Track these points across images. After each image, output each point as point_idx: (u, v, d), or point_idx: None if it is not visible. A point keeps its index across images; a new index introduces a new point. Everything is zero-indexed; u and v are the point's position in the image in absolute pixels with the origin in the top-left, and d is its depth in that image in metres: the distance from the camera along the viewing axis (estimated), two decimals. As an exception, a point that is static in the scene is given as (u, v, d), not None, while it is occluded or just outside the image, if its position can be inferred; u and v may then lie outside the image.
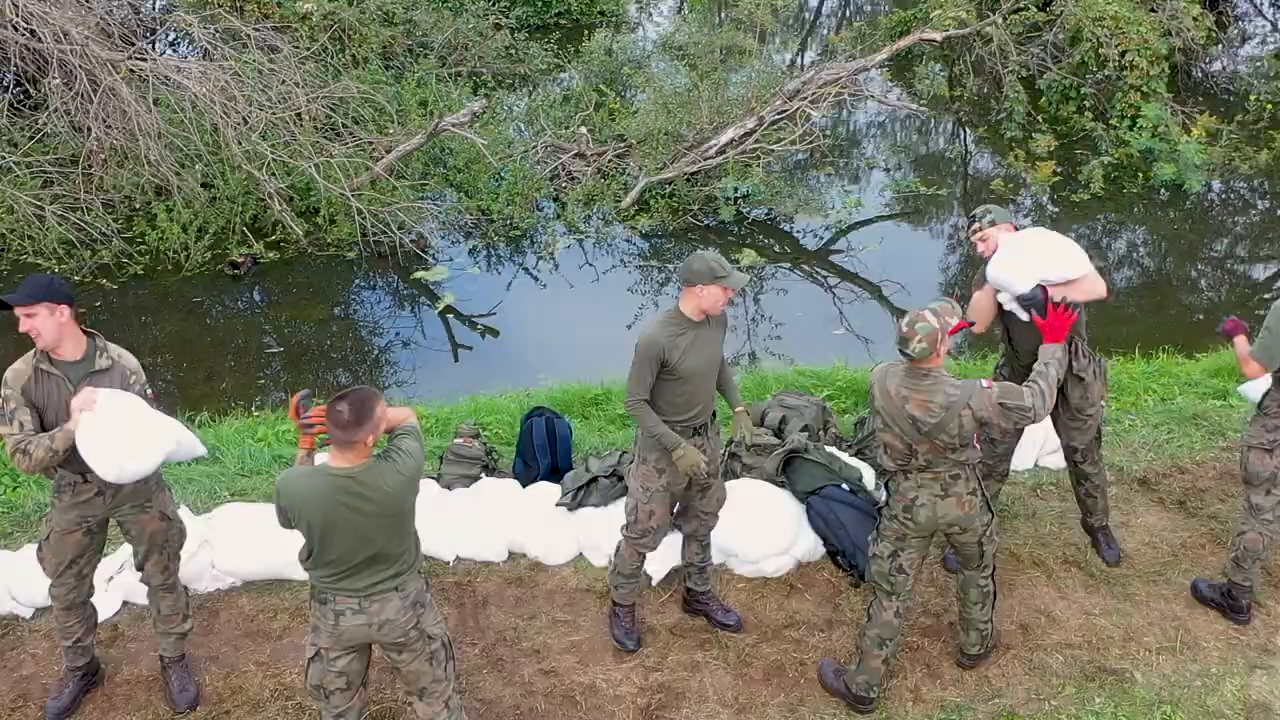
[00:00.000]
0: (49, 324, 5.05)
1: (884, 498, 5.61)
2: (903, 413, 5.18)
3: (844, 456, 7.35)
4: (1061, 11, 15.03)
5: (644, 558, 6.08)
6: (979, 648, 5.97)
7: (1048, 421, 6.52)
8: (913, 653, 6.12)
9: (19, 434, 5.07)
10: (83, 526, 5.40)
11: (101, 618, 6.22)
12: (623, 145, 14.06)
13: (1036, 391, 5.17)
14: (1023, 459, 7.51)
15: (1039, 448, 7.65)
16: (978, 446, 6.54)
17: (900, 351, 5.18)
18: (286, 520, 4.60)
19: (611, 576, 6.17)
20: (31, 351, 5.17)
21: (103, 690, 5.87)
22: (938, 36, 15.02)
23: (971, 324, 5.71)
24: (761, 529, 6.72)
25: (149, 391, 5.38)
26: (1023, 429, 6.42)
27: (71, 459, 5.14)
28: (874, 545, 5.64)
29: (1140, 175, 13.88)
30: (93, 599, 5.70)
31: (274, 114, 12.64)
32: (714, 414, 5.91)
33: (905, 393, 5.18)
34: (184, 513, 6.80)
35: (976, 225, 6.25)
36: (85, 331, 5.25)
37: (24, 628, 6.33)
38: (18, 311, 5.03)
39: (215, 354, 11.11)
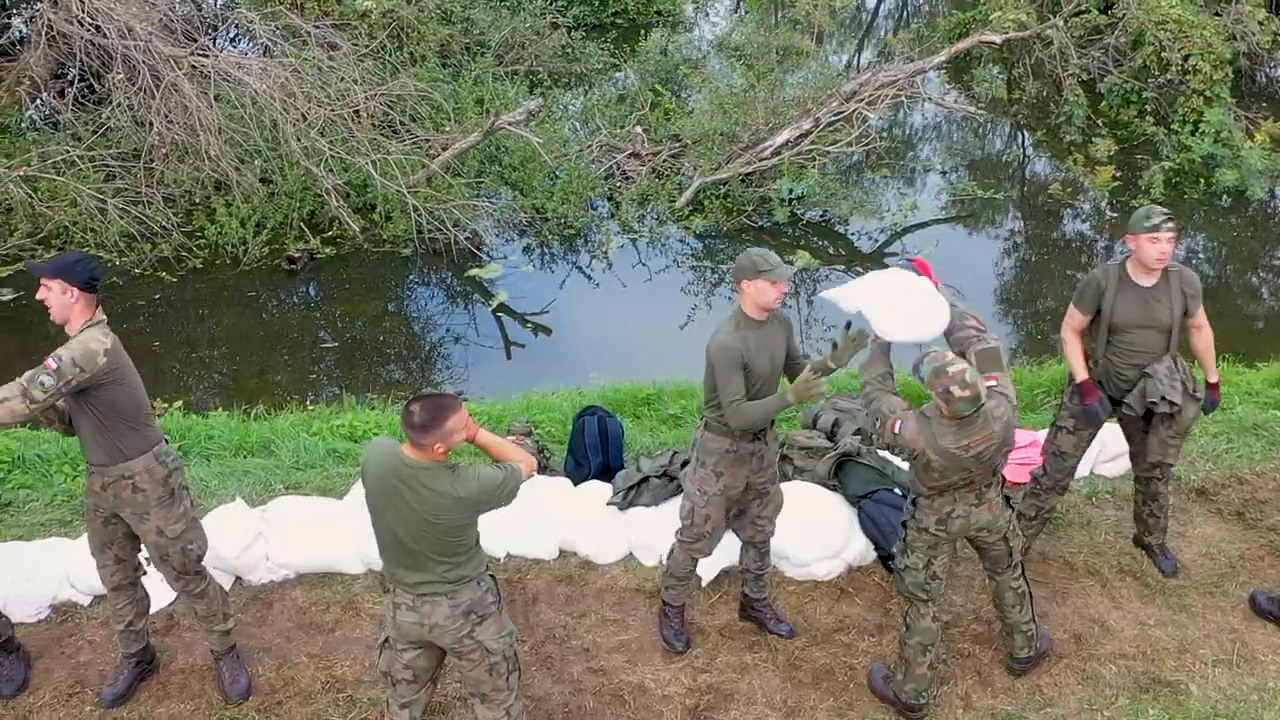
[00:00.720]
0: (58, 301, 5.11)
1: (909, 511, 5.55)
2: (964, 458, 5.07)
3: (896, 461, 7.29)
4: (1124, 14, 14.87)
5: (697, 561, 6.07)
6: (1027, 650, 5.89)
7: (1105, 428, 6.49)
8: (963, 660, 6.08)
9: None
10: (98, 515, 5.46)
11: (157, 607, 6.30)
12: (678, 145, 14.06)
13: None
14: (1078, 467, 7.42)
15: (1094, 456, 7.57)
16: (1042, 467, 6.54)
17: (949, 407, 4.98)
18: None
19: (663, 577, 6.16)
20: None
21: (158, 678, 5.94)
22: (997, 39, 14.90)
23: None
24: (813, 532, 6.69)
25: (50, 363, 5.02)
26: (1090, 441, 6.38)
27: (88, 450, 5.24)
28: (904, 558, 5.58)
29: (1202, 181, 13.70)
30: (143, 583, 5.76)
31: (332, 111, 12.76)
32: (771, 420, 5.86)
33: (965, 442, 5.03)
34: (239, 505, 6.92)
35: (1171, 224, 5.99)
36: (95, 322, 5.21)
37: (82, 615, 6.42)
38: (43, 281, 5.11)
39: (270, 348, 11.22)
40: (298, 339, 11.42)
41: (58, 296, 5.11)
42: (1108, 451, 7.52)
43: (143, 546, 5.59)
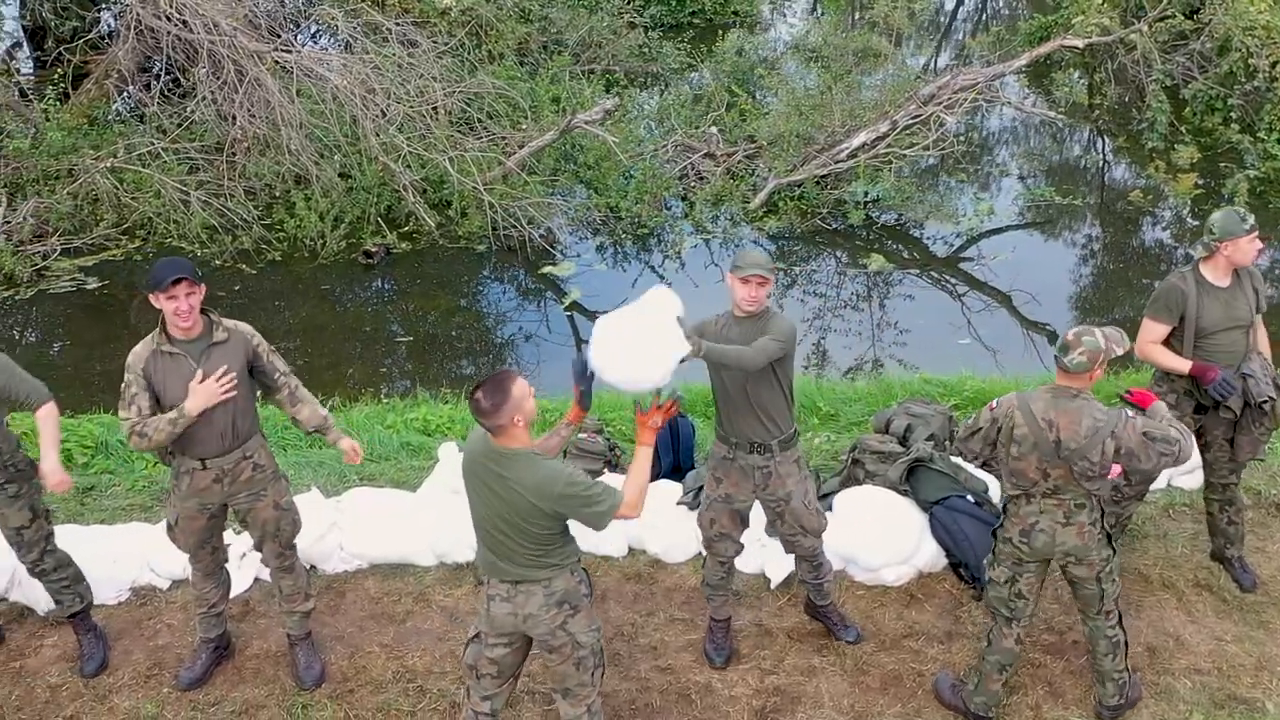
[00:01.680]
0: (197, 303, 5.22)
1: (1000, 520, 5.50)
2: (1046, 437, 5.07)
3: (969, 467, 7.23)
4: (1210, 20, 14.59)
5: (727, 566, 5.99)
6: (1118, 698, 5.69)
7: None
8: (1034, 669, 6.01)
9: (135, 418, 5.19)
10: (205, 513, 5.55)
11: (233, 593, 6.42)
12: (753, 146, 14.06)
13: (1180, 430, 5.04)
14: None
15: (1172, 468, 7.45)
16: (1125, 476, 6.42)
17: (1056, 359, 5.09)
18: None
19: (702, 587, 6.14)
20: (151, 335, 5.30)
21: (233, 663, 6.05)
22: (1080, 43, 14.72)
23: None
24: (883, 537, 6.65)
25: (273, 359, 5.52)
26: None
27: (190, 444, 5.32)
28: (990, 570, 5.53)
29: (1288, 190, 13.46)
30: (227, 566, 5.89)
31: (411, 107, 12.91)
32: (792, 437, 5.70)
33: (1052, 415, 5.05)
34: (314, 495, 7.02)
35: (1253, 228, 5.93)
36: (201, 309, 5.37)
37: (161, 598, 6.55)
38: (182, 289, 5.13)
39: (344, 340, 11.36)
40: (370, 332, 11.56)
41: (198, 299, 5.23)
42: (1186, 463, 7.40)
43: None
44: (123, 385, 5.24)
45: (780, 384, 5.55)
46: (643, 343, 4.76)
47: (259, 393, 5.69)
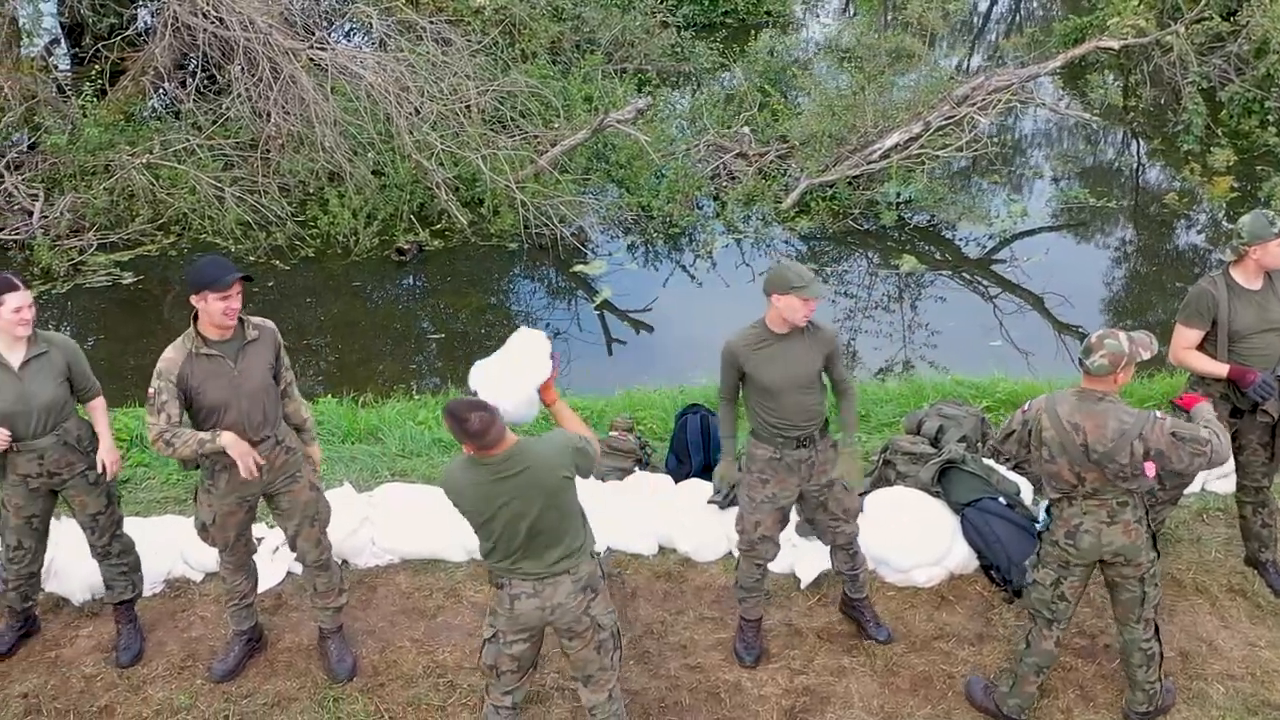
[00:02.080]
0: (239, 303, 5.28)
1: (1043, 522, 5.47)
2: (1074, 440, 5.05)
3: (1002, 469, 7.21)
4: (1248, 22, 14.48)
5: (763, 569, 6.00)
6: (1147, 706, 5.66)
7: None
8: (1065, 673, 5.98)
9: (164, 425, 5.20)
10: (243, 506, 5.61)
11: (266, 586, 6.48)
12: (785, 146, 14.05)
13: (1213, 430, 5.01)
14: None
15: (1206, 472, 7.40)
16: (1160, 480, 6.38)
17: (1079, 363, 5.07)
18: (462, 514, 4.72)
19: (735, 590, 6.15)
20: (183, 338, 5.31)
21: (265, 655, 6.09)
22: (1115, 45, 14.63)
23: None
24: (914, 538, 6.64)
25: (284, 354, 5.63)
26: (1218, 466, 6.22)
27: (245, 435, 5.35)
28: (1034, 572, 5.49)
29: (1325, 194, 13.33)
30: (255, 559, 5.94)
31: (445, 105, 12.96)
32: (826, 424, 5.79)
33: (1077, 419, 5.03)
34: (346, 490, 7.06)
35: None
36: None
37: (194, 591, 6.61)
38: (236, 289, 5.20)
39: (374, 337, 11.41)
40: (400, 330, 11.61)
41: (240, 298, 5.29)
42: (1219, 468, 7.36)
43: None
44: (151, 390, 5.21)
45: (821, 382, 5.72)
46: (511, 380, 4.94)
47: None
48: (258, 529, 6.32)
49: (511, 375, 4.92)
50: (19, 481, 5.63)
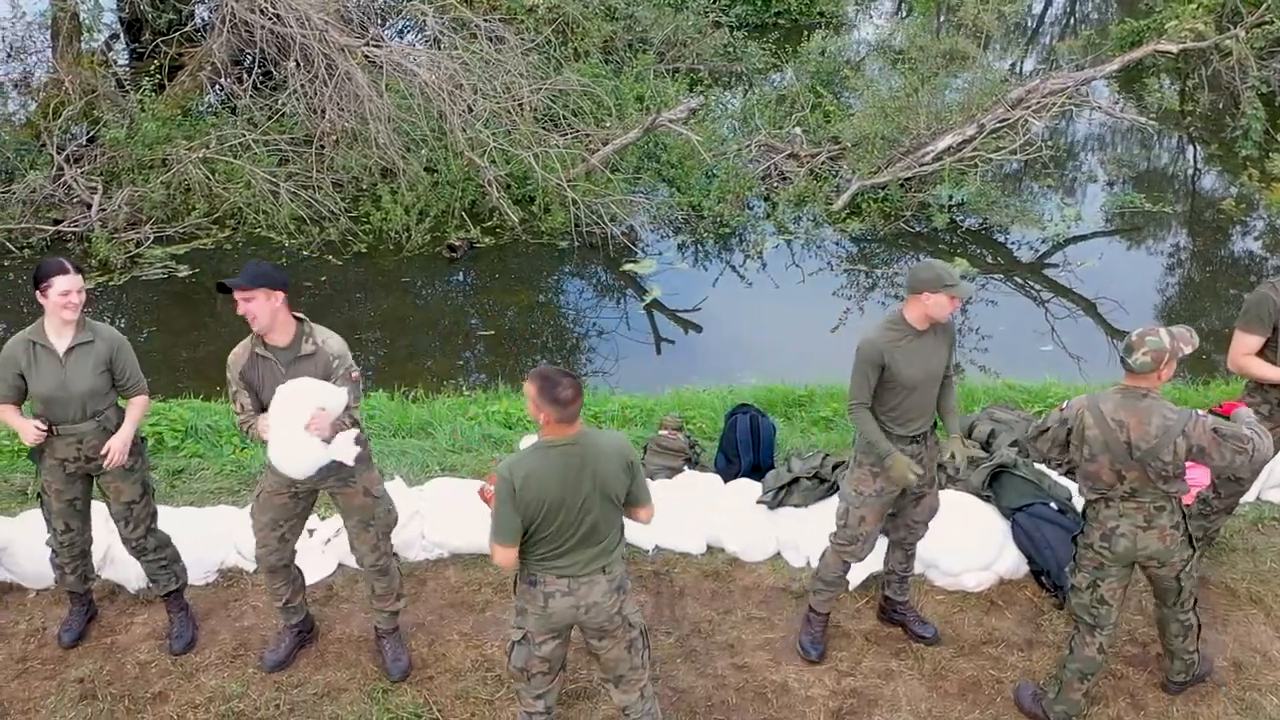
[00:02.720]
0: (264, 309, 5.26)
1: (1081, 526, 5.45)
2: (1118, 437, 5.03)
3: (1053, 475, 7.16)
4: (1310, 26, 14.32)
5: (849, 566, 6.04)
6: (1184, 675, 5.75)
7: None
8: (1116, 681, 5.94)
9: (242, 414, 5.42)
10: (289, 490, 5.62)
11: (317, 578, 6.56)
12: (837, 147, 14.00)
13: (1255, 430, 4.97)
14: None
15: (1262, 480, 7.32)
16: (1215, 489, 6.33)
17: (1121, 361, 5.05)
18: (513, 502, 4.58)
19: (813, 581, 6.14)
20: (250, 336, 5.41)
21: (316, 647, 6.14)
22: (1173, 49, 14.47)
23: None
24: (964, 542, 6.60)
25: (354, 374, 5.46)
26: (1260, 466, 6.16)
27: None
28: (1072, 576, 5.48)
29: (1385, 201, 13.16)
30: (296, 563, 5.93)
31: (497, 103, 13.02)
32: (934, 424, 5.84)
33: (1121, 416, 5.02)
34: (397, 484, 7.11)
35: None
36: (296, 317, 5.45)
37: (248, 581, 6.68)
38: (237, 295, 5.24)
39: (424, 332, 11.48)
40: (449, 326, 11.67)
41: (264, 305, 5.27)
42: (1276, 476, 7.29)
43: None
44: (227, 381, 5.44)
45: None
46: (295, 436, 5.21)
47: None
48: (311, 519, 6.37)
49: (296, 433, 5.20)
50: (57, 466, 5.69)
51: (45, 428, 5.55)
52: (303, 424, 5.18)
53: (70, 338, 5.59)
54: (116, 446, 5.63)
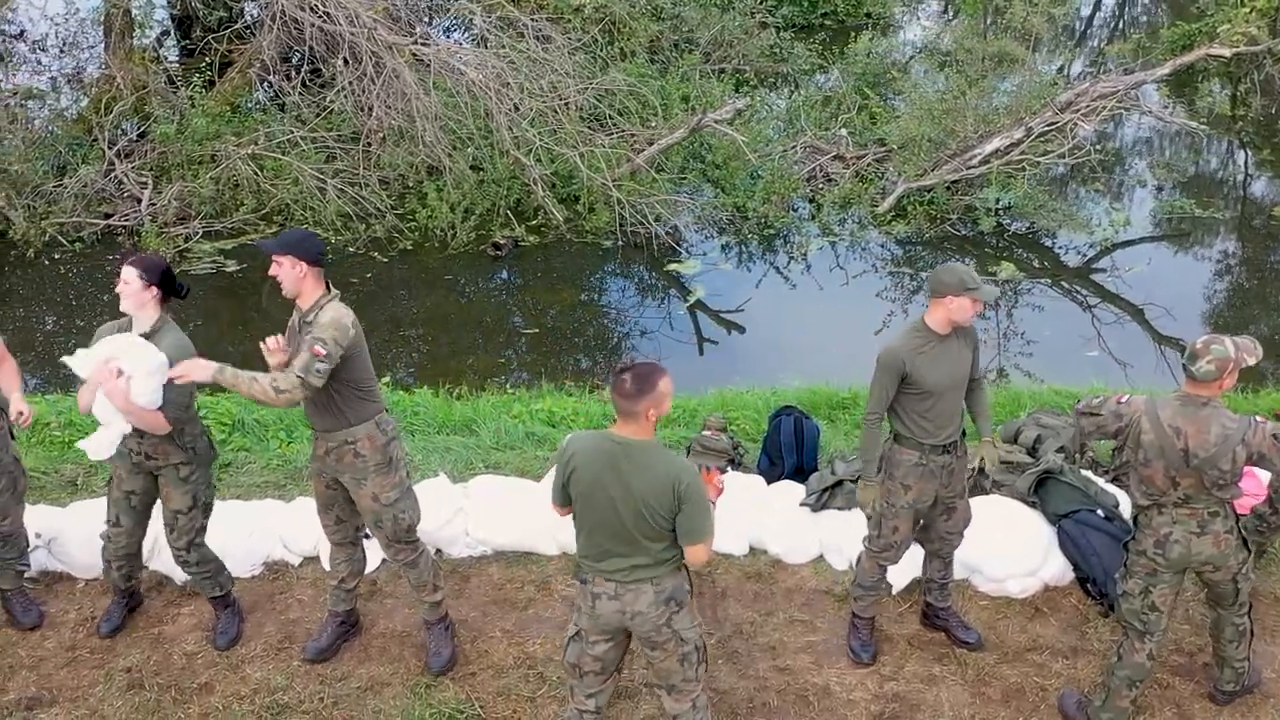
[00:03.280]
0: (290, 276, 5.30)
1: (1132, 532, 5.41)
2: (1174, 444, 4.98)
3: (1100, 481, 7.11)
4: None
5: (885, 570, 6.03)
6: (1234, 684, 5.69)
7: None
8: (1162, 690, 5.88)
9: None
10: (321, 479, 5.70)
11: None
12: (882, 149, 13.95)
13: None
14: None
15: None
16: (1271, 504, 6.27)
17: (1184, 368, 5.00)
18: (563, 478, 4.65)
19: (852, 587, 6.14)
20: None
21: (360, 640, 6.19)
22: (1226, 53, 14.31)
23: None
24: (1009, 548, 6.56)
25: (315, 347, 5.20)
26: None
27: (315, 417, 5.49)
28: (1123, 583, 5.44)
29: None
30: (363, 544, 6.01)
31: (543, 102, 13.06)
32: (963, 432, 5.81)
33: (1179, 423, 4.98)
34: (441, 480, 7.14)
35: None
36: (331, 297, 5.43)
37: (293, 574, 6.74)
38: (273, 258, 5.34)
39: (467, 330, 11.52)
40: (491, 324, 11.70)
41: (289, 271, 5.32)
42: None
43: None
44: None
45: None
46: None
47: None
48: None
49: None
50: (126, 453, 5.73)
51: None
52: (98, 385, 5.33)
53: (147, 326, 5.61)
54: (28, 412, 5.78)
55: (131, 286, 5.48)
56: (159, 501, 5.90)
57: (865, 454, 5.71)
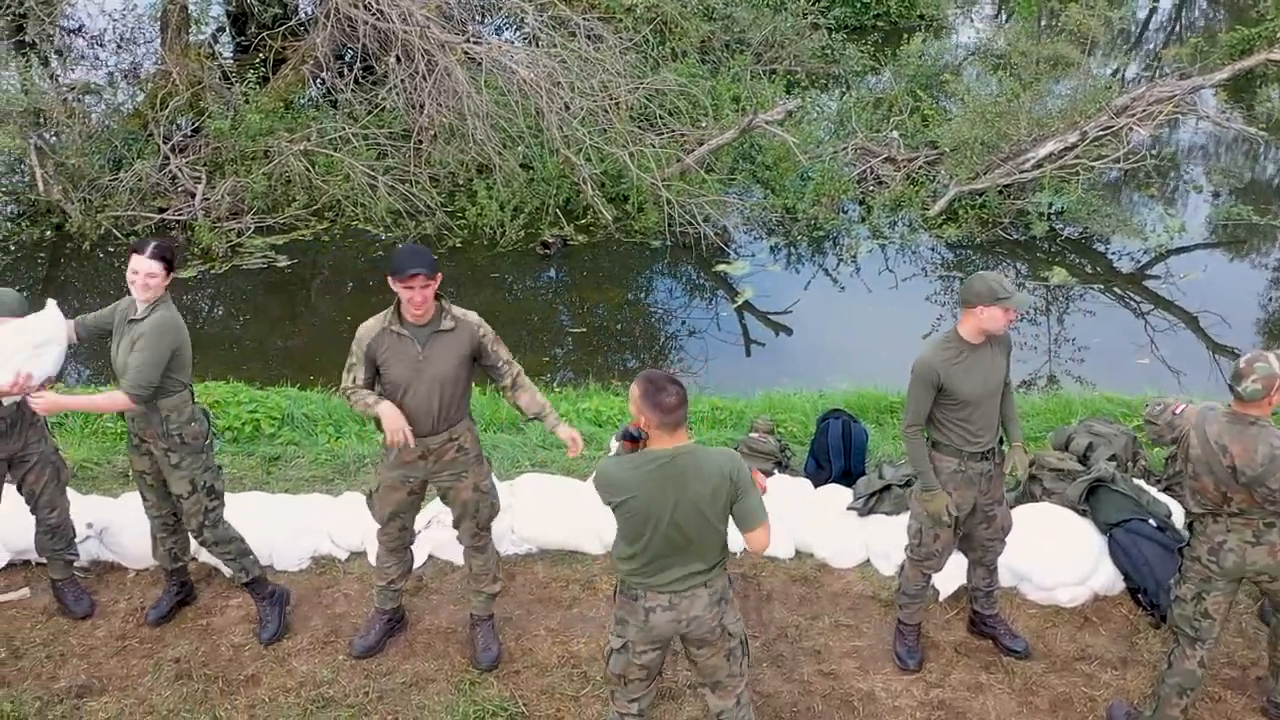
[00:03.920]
0: (429, 295, 5.36)
1: (1187, 537, 5.34)
2: (1220, 461, 4.91)
3: (1152, 491, 7.02)
4: None
5: (929, 578, 5.99)
6: None
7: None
8: (1214, 704, 5.80)
9: (350, 384, 5.52)
10: (406, 485, 5.71)
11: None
12: (934, 152, 13.85)
13: None
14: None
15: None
16: None
17: (1230, 388, 4.93)
18: (609, 503, 4.62)
19: (897, 595, 6.10)
20: (384, 313, 5.48)
21: (405, 636, 6.21)
22: (1287, 57, 14.11)
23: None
24: (1059, 556, 6.49)
25: (497, 348, 5.62)
26: None
27: (423, 419, 5.49)
28: (1176, 588, 5.37)
29: None
30: (412, 547, 6.05)
31: (594, 102, 13.07)
32: (1000, 440, 5.77)
33: (1225, 441, 4.90)
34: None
35: None
36: (435, 296, 5.50)
37: (339, 569, 6.77)
38: (418, 282, 5.26)
39: (515, 328, 11.50)
40: (539, 322, 11.73)
41: (431, 291, 5.37)
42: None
43: (438, 504, 5.85)
44: (349, 352, 5.52)
45: None
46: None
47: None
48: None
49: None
50: (130, 435, 5.87)
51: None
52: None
53: (140, 311, 5.64)
54: (23, 395, 5.58)
55: (157, 279, 5.55)
56: None
57: (917, 465, 5.67)
